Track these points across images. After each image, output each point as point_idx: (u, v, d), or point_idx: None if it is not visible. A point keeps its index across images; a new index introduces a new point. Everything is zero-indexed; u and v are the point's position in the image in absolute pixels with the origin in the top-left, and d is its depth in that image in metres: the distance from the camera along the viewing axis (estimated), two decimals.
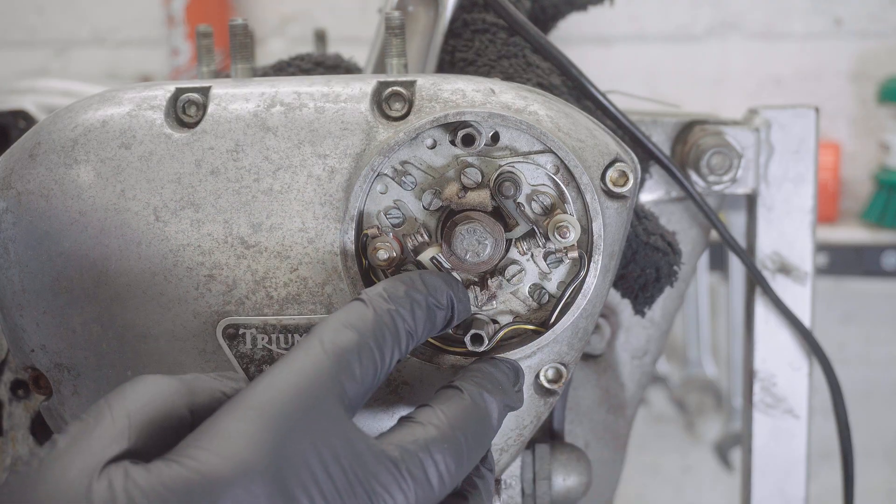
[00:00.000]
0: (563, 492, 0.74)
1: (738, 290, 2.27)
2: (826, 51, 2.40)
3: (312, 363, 0.51)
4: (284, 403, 0.49)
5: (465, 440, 0.54)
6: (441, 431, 0.53)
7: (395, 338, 0.55)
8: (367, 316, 0.55)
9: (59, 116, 0.65)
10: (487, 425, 0.57)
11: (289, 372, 0.50)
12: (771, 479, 0.90)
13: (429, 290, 0.58)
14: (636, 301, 0.80)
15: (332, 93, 0.64)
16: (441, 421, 0.54)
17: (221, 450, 0.46)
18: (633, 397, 0.91)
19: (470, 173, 0.62)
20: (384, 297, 0.56)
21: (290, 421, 0.48)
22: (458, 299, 0.60)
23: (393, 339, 0.55)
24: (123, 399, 0.49)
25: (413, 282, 0.58)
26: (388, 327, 0.55)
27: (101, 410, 0.48)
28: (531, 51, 0.80)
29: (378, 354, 0.54)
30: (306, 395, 0.50)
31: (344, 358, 0.52)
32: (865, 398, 2.46)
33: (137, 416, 0.48)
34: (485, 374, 0.60)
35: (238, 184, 0.63)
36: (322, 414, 0.50)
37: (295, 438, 0.48)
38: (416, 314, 0.57)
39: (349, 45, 1.14)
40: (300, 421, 0.48)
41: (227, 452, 0.46)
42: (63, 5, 2.78)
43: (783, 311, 0.87)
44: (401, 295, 0.57)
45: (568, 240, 0.61)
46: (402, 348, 0.56)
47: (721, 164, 0.84)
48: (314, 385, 0.50)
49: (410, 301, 0.57)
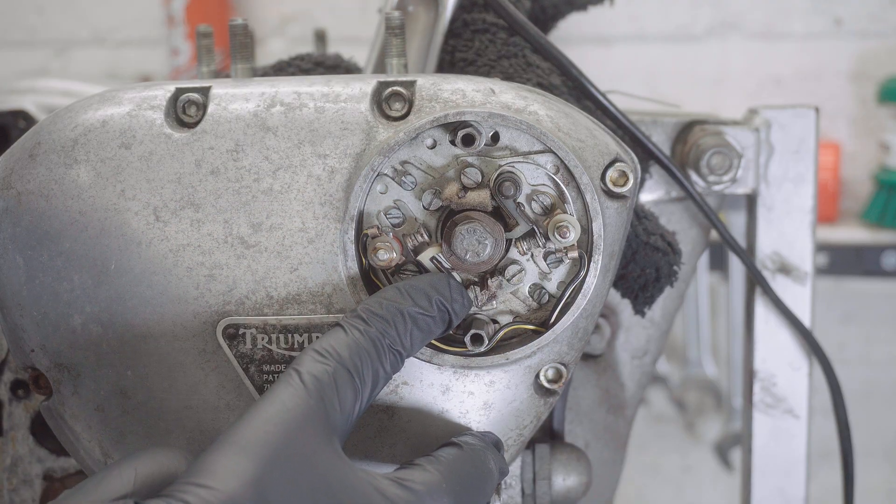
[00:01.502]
0: (563, 492, 0.74)
1: (738, 290, 2.26)
2: (826, 51, 2.40)
3: (291, 395, 0.53)
4: (267, 436, 0.51)
5: (465, 489, 0.56)
6: (443, 477, 0.55)
7: (374, 359, 0.56)
8: (342, 342, 0.56)
9: (59, 116, 0.65)
10: (487, 475, 0.59)
11: (270, 405, 0.52)
12: (771, 479, 0.90)
13: (414, 301, 0.59)
14: (636, 301, 0.80)
15: (332, 93, 0.64)
16: (443, 467, 0.56)
17: (210, 485, 0.48)
18: (633, 397, 0.91)
19: (470, 173, 0.62)
20: (363, 318, 0.57)
21: (273, 453, 0.50)
22: (453, 299, 0.60)
23: (372, 361, 0.56)
24: (133, 459, 0.52)
25: (396, 295, 0.59)
26: (366, 351, 0.56)
27: (110, 468, 0.51)
28: (531, 51, 0.80)
29: (357, 380, 0.55)
30: (288, 427, 0.51)
31: (321, 388, 0.53)
32: (865, 398, 2.46)
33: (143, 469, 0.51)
34: (476, 436, 0.62)
35: (238, 184, 0.63)
36: (304, 445, 0.51)
37: (279, 470, 0.50)
38: (400, 329, 0.58)
39: (349, 45, 1.14)
40: (283, 453, 0.50)
41: (215, 487, 0.48)
42: (63, 5, 2.78)
43: (783, 311, 0.87)
44: (381, 312, 0.58)
45: (568, 240, 0.61)
46: (386, 367, 0.57)
47: (721, 164, 0.84)
48: (295, 417, 0.52)
49: (393, 316, 0.58)
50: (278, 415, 0.52)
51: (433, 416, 0.65)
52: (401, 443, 0.66)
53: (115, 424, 0.66)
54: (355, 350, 0.56)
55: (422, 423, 0.65)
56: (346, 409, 0.54)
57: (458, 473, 0.57)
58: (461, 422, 0.66)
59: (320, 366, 0.54)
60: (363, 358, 0.56)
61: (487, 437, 0.64)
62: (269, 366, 0.64)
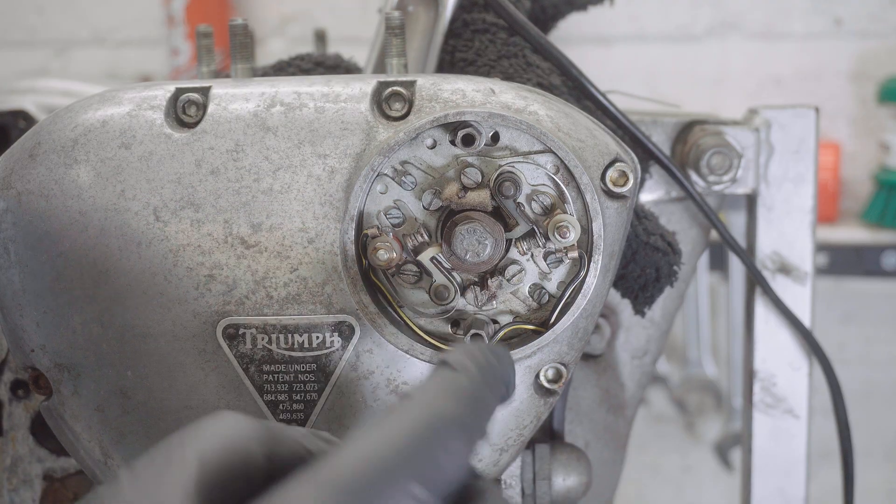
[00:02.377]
0: (563, 492, 0.74)
1: (738, 290, 2.26)
2: (826, 51, 2.40)
3: (404, 442, 0.44)
4: (362, 484, 0.42)
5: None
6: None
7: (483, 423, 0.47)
8: (465, 394, 0.47)
9: (59, 116, 0.65)
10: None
11: (375, 446, 0.44)
12: (771, 479, 0.90)
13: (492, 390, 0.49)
14: (636, 301, 0.80)
15: (332, 93, 0.64)
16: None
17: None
18: (633, 397, 0.91)
19: (470, 173, 0.62)
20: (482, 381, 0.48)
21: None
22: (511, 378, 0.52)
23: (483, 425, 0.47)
24: (197, 439, 0.45)
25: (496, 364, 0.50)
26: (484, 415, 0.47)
27: (172, 450, 0.44)
28: (531, 51, 0.80)
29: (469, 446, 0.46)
30: (388, 478, 0.43)
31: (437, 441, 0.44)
32: (865, 398, 2.46)
33: (210, 460, 0.44)
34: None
35: (238, 184, 0.63)
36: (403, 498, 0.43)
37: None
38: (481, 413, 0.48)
39: (349, 45, 1.14)
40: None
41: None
42: (63, 5, 2.78)
43: (783, 311, 0.87)
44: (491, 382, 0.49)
45: (568, 240, 0.61)
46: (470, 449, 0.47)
47: (721, 164, 0.84)
48: (399, 468, 0.43)
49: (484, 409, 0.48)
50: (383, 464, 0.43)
51: None
52: None
53: (115, 424, 0.66)
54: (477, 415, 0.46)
55: None
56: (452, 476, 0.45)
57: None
58: None
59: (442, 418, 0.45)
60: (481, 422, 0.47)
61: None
62: (269, 366, 0.64)
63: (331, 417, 0.65)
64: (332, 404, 0.65)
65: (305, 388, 0.65)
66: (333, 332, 0.64)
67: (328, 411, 0.65)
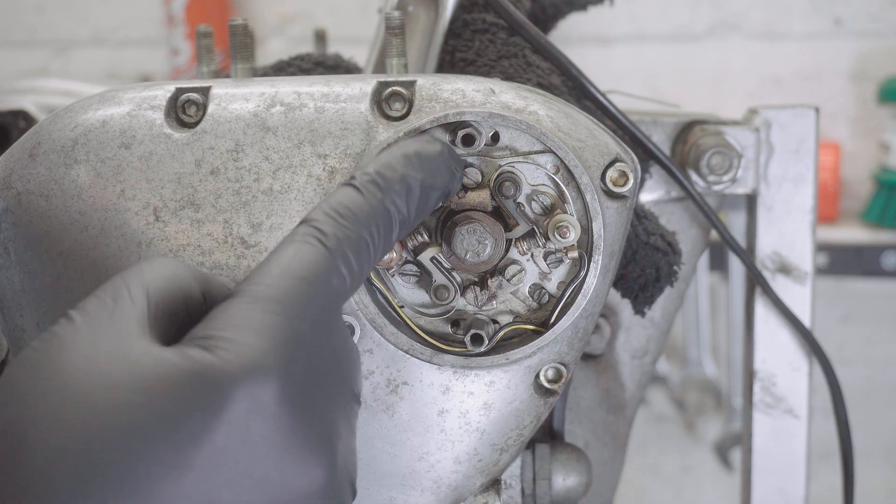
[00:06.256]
0: (563, 492, 0.74)
1: (738, 290, 2.27)
2: (826, 51, 2.40)
3: (315, 254, 0.50)
4: (293, 294, 0.48)
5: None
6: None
7: (387, 229, 0.54)
8: (360, 207, 0.53)
9: (59, 116, 0.65)
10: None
11: (293, 261, 0.49)
12: (771, 479, 0.90)
13: (426, 173, 0.56)
14: (636, 301, 0.80)
15: (332, 93, 0.64)
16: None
17: (239, 339, 0.45)
18: (633, 397, 0.91)
19: (470, 173, 0.62)
20: (379, 186, 0.54)
21: (300, 312, 0.47)
22: (458, 171, 0.59)
23: (386, 230, 0.54)
24: (141, 278, 0.48)
25: (409, 163, 0.56)
26: (382, 220, 0.53)
27: (118, 289, 0.47)
28: (531, 51, 0.80)
29: (371, 248, 0.52)
30: (312, 287, 0.48)
31: (343, 251, 0.51)
32: (865, 398, 2.46)
33: (156, 296, 0.47)
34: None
35: (238, 184, 0.63)
36: (325, 308, 0.49)
37: (304, 331, 0.47)
38: (409, 201, 0.55)
39: (349, 45, 1.14)
40: (308, 312, 0.48)
41: (245, 343, 0.45)
42: (63, 5, 2.78)
43: (783, 311, 0.87)
44: (395, 181, 0.55)
45: (568, 240, 0.61)
46: (392, 239, 0.54)
47: (721, 164, 0.84)
48: (319, 277, 0.49)
49: (406, 187, 0.55)
50: (304, 271, 0.49)
51: (433, 415, 0.65)
52: (400, 443, 0.66)
53: None
54: (372, 217, 0.53)
55: (422, 422, 0.65)
56: (357, 276, 0.51)
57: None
58: (461, 421, 0.66)
59: (342, 229, 0.52)
60: (378, 227, 0.53)
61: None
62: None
63: None
64: None
65: None
66: None
67: None
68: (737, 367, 2.31)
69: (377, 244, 0.53)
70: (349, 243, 0.51)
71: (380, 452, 0.66)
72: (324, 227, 0.51)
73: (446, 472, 0.66)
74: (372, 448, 0.66)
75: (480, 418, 0.66)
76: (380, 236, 0.53)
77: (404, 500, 0.67)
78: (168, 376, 0.43)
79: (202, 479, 0.42)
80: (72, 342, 0.44)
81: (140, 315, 0.46)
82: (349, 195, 0.54)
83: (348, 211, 0.53)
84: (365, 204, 0.53)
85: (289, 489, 0.44)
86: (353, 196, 0.54)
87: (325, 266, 0.50)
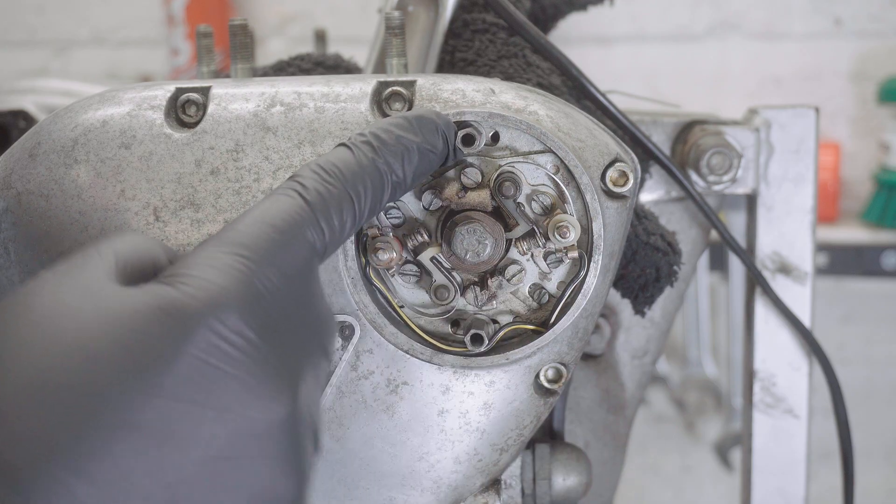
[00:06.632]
0: (563, 492, 0.74)
1: (738, 290, 2.27)
2: (826, 51, 2.40)
3: (292, 205, 0.51)
4: (262, 239, 0.49)
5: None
6: None
7: (378, 189, 0.55)
8: (349, 164, 0.54)
9: (59, 116, 0.65)
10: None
11: (268, 211, 0.51)
12: (771, 479, 0.90)
13: (424, 136, 0.57)
14: (636, 301, 0.80)
15: (332, 93, 0.64)
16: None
17: (202, 276, 0.46)
18: (633, 397, 0.91)
19: (470, 173, 0.62)
20: (372, 147, 0.55)
21: (268, 257, 0.49)
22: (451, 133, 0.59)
23: (375, 190, 0.54)
24: (110, 242, 0.50)
25: (407, 128, 0.57)
26: (371, 180, 0.54)
27: (87, 251, 0.49)
28: (531, 51, 0.80)
29: (357, 206, 0.53)
30: (285, 235, 0.50)
31: (323, 205, 0.52)
32: (865, 398, 2.46)
33: (124, 255, 0.49)
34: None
35: (238, 184, 0.63)
36: (298, 257, 0.50)
37: (272, 275, 0.48)
38: (406, 163, 0.56)
39: (349, 45, 1.14)
40: (277, 258, 0.49)
41: (208, 279, 0.46)
42: (63, 5, 2.78)
43: (783, 311, 0.87)
44: (391, 143, 0.56)
45: (568, 240, 0.61)
46: (383, 200, 0.55)
47: (721, 164, 0.84)
48: (293, 227, 0.50)
49: (402, 149, 0.56)
50: (277, 220, 0.50)
51: (433, 415, 0.65)
52: (400, 443, 0.66)
53: None
54: (360, 176, 0.54)
55: (422, 422, 0.65)
56: (338, 233, 0.53)
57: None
58: (461, 421, 0.66)
59: (324, 184, 0.53)
60: (367, 186, 0.54)
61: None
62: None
63: (331, 417, 0.65)
64: (331, 404, 0.65)
65: None
66: None
67: (328, 411, 0.65)
68: (737, 367, 2.31)
69: (364, 203, 0.54)
70: (331, 198, 0.52)
71: (380, 452, 0.66)
72: (306, 182, 0.52)
73: (446, 472, 0.66)
74: (372, 448, 0.66)
75: (480, 418, 0.66)
76: (367, 195, 0.54)
77: (404, 500, 0.67)
78: (133, 309, 0.45)
79: (165, 407, 0.43)
80: (42, 289, 0.46)
81: (108, 266, 0.48)
82: (339, 153, 0.55)
83: (335, 168, 0.53)
84: (354, 162, 0.54)
85: (249, 422, 0.46)
86: (344, 154, 0.55)
87: (301, 217, 0.51)
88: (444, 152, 0.59)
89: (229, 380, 0.45)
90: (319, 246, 0.52)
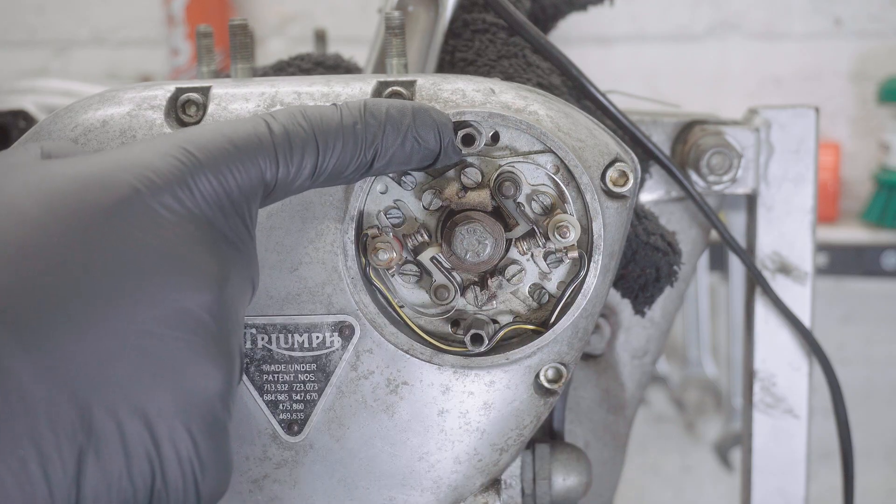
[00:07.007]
0: (563, 492, 0.74)
1: (738, 290, 2.27)
2: (826, 51, 2.40)
3: (253, 130, 0.51)
4: (209, 144, 0.49)
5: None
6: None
7: (351, 149, 0.54)
8: (330, 118, 0.54)
9: (59, 116, 0.65)
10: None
11: (227, 126, 0.51)
12: (771, 479, 0.90)
13: (416, 123, 0.57)
14: (636, 301, 0.80)
15: (332, 93, 0.64)
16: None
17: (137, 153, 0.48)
18: (633, 397, 0.91)
19: (470, 173, 0.62)
20: (360, 111, 0.55)
21: (212, 157, 0.49)
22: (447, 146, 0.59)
23: (345, 150, 0.54)
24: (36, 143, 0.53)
25: (402, 110, 0.57)
26: (345, 138, 0.54)
27: (14, 146, 0.53)
28: (531, 51, 0.80)
29: (321, 157, 0.53)
30: (234, 148, 0.50)
31: (285, 141, 0.52)
32: (865, 398, 2.46)
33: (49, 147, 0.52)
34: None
35: None
36: (244, 171, 0.50)
37: (211, 174, 0.49)
38: (388, 137, 0.55)
39: (349, 45, 1.14)
40: (222, 163, 0.49)
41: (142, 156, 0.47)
42: (63, 5, 2.78)
43: (783, 311, 0.87)
44: (379, 116, 0.55)
45: (568, 240, 0.61)
46: (351, 164, 0.54)
47: (721, 164, 0.84)
48: (246, 146, 0.50)
49: (389, 127, 0.56)
50: (235, 136, 0.50)
51: (433, 415, 0.65)
52: (400, 443, 0.66)
53: None
54: (334, 131, 0.53)
55: (422, 422, 0.65)
56: (292, 174, 0.52)
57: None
58: (461, 421, 0.66)
59: (294, 124, 0.52)
60: (337, 142, 0.53)
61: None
62: (269, 366, 0.64)
63: (331, 417, 0.65)
64: (331, 404, 0.65)
65: (305, 388, 0.65)
66: (333, 332, 0.64)
67: (328, 411, 0.65)
68: (737, 367, 2.31)
69: (329, 157, 0.53)
70: (296, 138, 0.52)
71: (380, 452, 0.66)
72: (277, 116, 0.53)
73: (446, 472, 0.66)
74: (372, 448, 0.66)
75: (480, 418, 0.66)
76: (334, 151, 0.53)
77: (404, 499, 0.67)
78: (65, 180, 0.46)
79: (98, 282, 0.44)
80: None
81: (34, 151, 0.50)
82: (323, 108, 0.55)
83: (312, 114, 0.53)
84: (333, 119, 0.54)
85: (175, 299, 0.46)
86: (327, 109, 0.55)
87: (259, 142, 0.51)
88: (435, 150, 0.58)
89: (160, 259, 0.46)
90: (269, 177, 0.51)
